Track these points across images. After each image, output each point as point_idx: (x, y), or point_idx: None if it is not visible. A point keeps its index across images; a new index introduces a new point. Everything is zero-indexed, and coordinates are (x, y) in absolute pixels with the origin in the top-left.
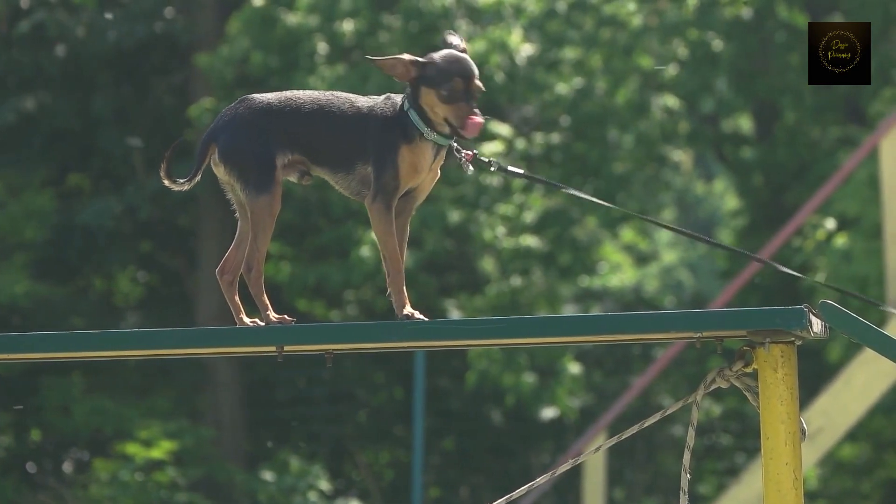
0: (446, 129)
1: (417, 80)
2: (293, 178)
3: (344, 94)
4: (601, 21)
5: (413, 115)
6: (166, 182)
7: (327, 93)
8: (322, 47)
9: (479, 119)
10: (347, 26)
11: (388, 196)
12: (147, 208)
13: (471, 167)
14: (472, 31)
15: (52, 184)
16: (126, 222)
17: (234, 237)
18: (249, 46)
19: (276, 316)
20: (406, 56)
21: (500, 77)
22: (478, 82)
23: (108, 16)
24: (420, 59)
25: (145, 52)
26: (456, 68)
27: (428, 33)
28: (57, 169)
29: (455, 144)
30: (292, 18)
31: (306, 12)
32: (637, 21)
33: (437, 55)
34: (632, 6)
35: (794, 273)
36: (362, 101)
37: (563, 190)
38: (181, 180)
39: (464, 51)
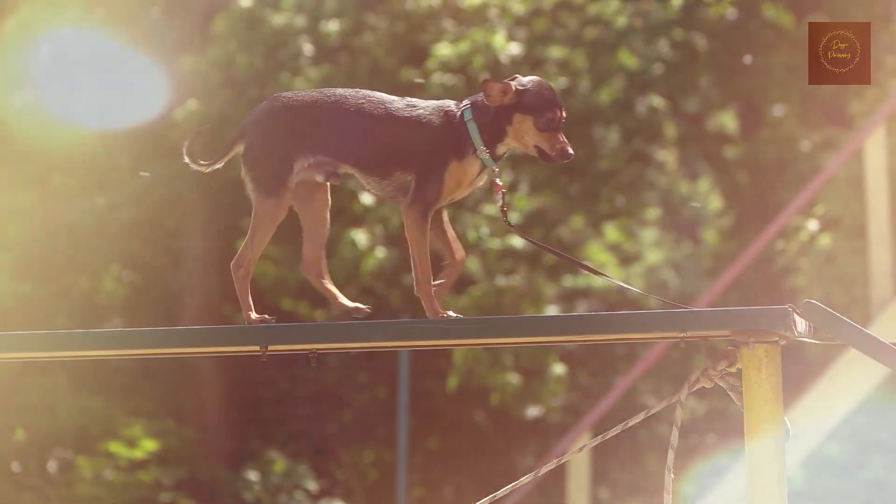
0: (533, 154)
1: (512, 106)
2: (319, 178)
3: (380, 96)
4: (586, 20)
5: (472, 128)
6: (187, 159)
7: (362, 93)
8: (307, 48)
9: (570, 149)
10: (333, 26)
11: (426, 205)
12: (131, 208)
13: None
14: (457, 32)
15: (37, 183)
16: (110, 222)
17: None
18: (235, 48)
19: (257, 316)
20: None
21: (484, 76)
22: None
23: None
24: (519, 86)
25: (134, 52)
26: (552, 97)
27: (413, 34)
28: (41, 168)
29: (497, 175)
30: (278, 19)
31: (293, 12)
32: (622, 20)
33: (529, 82)
34: (616, 5)
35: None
36: (404, 107)
37: (577, 263)
38: (203, 162)
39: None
